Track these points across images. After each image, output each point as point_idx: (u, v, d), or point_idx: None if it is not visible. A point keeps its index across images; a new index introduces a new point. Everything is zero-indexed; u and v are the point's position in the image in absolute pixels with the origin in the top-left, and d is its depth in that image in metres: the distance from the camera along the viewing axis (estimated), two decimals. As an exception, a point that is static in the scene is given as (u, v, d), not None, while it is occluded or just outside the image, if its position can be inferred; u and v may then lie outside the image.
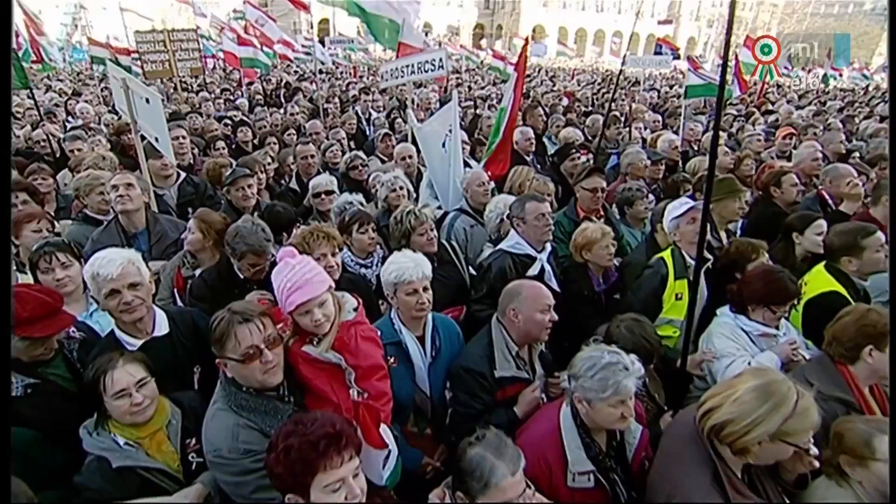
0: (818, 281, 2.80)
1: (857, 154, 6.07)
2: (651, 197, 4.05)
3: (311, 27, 32.88)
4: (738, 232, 3.87)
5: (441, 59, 5.45)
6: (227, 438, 1.61)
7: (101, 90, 11.60)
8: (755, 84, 15.16)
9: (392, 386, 2.12)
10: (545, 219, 2.86)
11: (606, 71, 24.55)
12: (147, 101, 3.02)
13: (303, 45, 18.12)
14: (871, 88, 19.29)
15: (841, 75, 22.42)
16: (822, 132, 6.74)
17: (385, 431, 1.61)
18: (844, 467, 1.71)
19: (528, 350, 2.32)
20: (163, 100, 4.24)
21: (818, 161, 4.63)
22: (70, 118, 8.50)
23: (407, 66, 5.65)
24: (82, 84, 15.80)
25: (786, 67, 20.10)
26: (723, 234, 3.39)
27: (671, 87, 15.60)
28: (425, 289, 2.27)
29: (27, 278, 2.62)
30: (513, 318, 2.20)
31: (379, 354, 1.90)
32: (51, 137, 5.36)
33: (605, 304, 3.10)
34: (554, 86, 13.74)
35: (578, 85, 14.85)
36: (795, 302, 2.78)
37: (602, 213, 3.57)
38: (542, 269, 2.90)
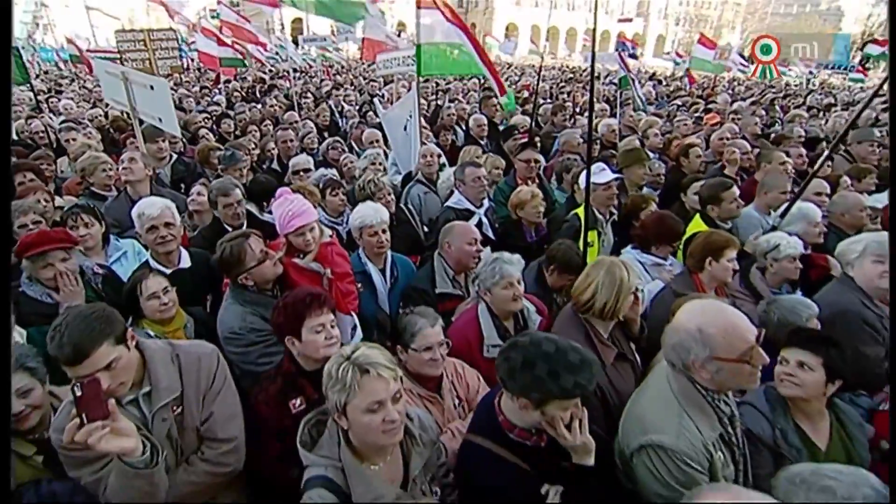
0: (694, 226, 3.55)
1: (772, 134, 7.00)
2: (585, 169, 4.80)
3: (283, 27, 32.94)
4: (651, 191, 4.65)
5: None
6: (237, 320, 2.25)
7: (80, 87, 11.88)
8: (707, 78, 16.28)
9: (360, 305, 2.79)
10: (480, 181, 3.57)
11: (574, 68, 25.54)
12: (151, 87, 3.57)
13: (275, 45, 18.45)
14: (816, 84, 20.70)
15: (791, 71, 23.85)
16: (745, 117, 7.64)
17: (351, 314, 2.27)
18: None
19: (463, 277, 3.00)
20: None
21: (723, 140, 5.43)
22: (52, 115, 8.84)
23: (395, 59, 6.50)
24: (54, 83, 15.87)
25: (742, 64, 21.31)
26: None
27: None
28: (384, 231, 2.93)
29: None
30: (447, 249, 2.87)
31: (348, 266, 2.58)
32: (48, 129, 5.82)
33: (535, 253, 3.80)
34: (519, 80, 14.54)
35: (543, 81, 15.67)
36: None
37: (537, 180, 4.28)
38: (480, 222, 3.58)
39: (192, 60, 20.40)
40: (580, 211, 3.52)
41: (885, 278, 2.65)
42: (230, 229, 3.21)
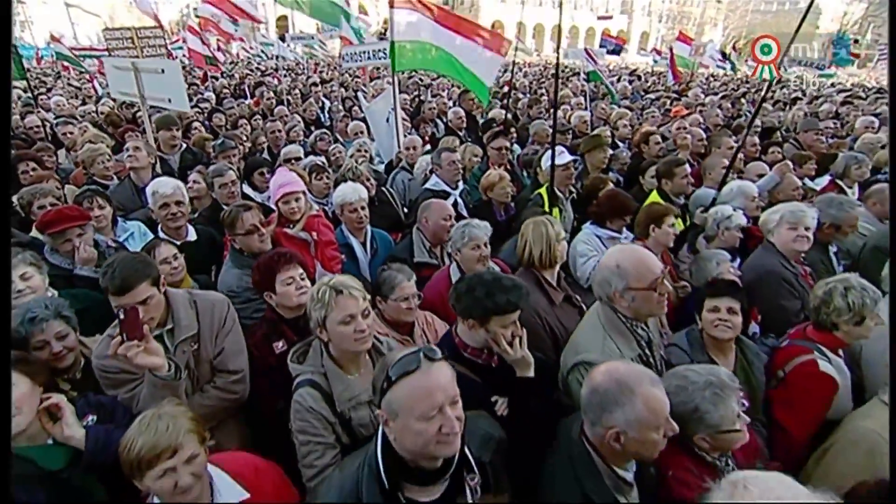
0: (651, 199, 3.98)
1: (733, 125, 7.48)
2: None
3: (268, 27, 32.95)
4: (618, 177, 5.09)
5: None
6: (235, 280, 2.62)
7: (66, 85, 12.03)
8: (686, 73, 16.83)
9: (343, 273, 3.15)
10: (455, 165, 3.95)
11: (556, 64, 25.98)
12: (162, 71, 3.87)
13: (261, 42, 18.58)
14: (793, 78, 21.40)
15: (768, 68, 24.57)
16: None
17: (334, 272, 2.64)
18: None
19: (439, 249, 3.37)
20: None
21: (681, 130, 5.87)
22: (41, 111, 9.01)
23: (364, 52, 6.57)
24: (38, 80, 15.87)
25: (720, 60, 21.94)
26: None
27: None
28: (362, 207, 3.30)
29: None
30: (425, 224, 3.24)
31: (332, 235, 2.94)
32: (44, 123, 6.07)
33: (505, 230, 4.19)
34: (501, 76, 14.95)
35: (525, 77, 16.15)
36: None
37: (508, 166, 4.67)
38: (455, 202, 3.96)
39: (175, 58, 20.46)
40: (542, 190, 3.94)
41: (799, 241, 3.09)
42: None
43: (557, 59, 3.65)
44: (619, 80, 14.90)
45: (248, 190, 3.95)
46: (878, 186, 3.78)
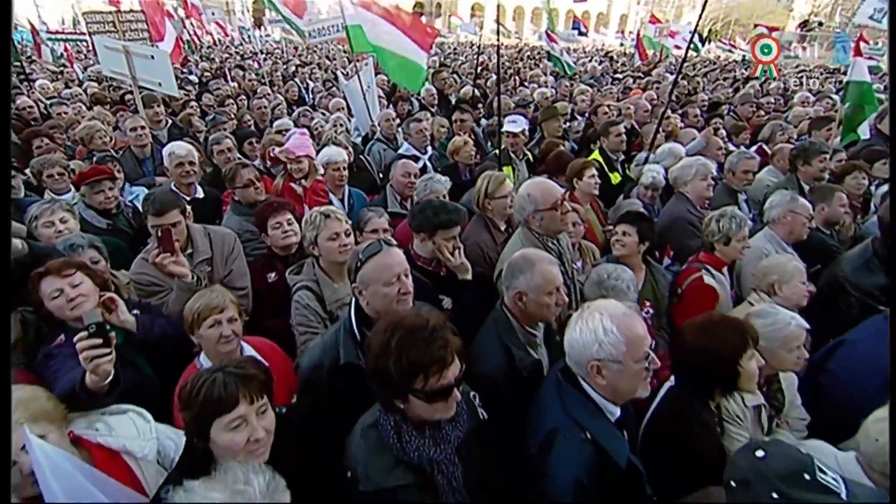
0: (594, 156, 4.60)
1: (682, 100, 8.14)
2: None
3: (247, 10, 32.52)
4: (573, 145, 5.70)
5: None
6: (236, 225, 3.14)
7: (42, 69, 12.11)
8: (654, 55, 17.43)
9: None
10: (422, 132, 4.54)
11: (535, 46, 26.43)
12: (152, 57, 4.32)
13: (238, 26, 18.59)
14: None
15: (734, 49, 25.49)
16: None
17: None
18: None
19: (410, 202, 3.93)
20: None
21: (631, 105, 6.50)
22: (35, 91, 9.20)
23: (325, 28, 6.88)
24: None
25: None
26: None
27: (579, 58, 17.65)
28: (343, 168, 3.84)
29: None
30: (393, 181, 3.80)
31: (326, 197, 3.51)
32: (38, 104, 6.40)
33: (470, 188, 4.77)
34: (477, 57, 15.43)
35: (501, 57, 16.65)
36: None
37: (472, 135, 5.24)
38: (425, 166, 4.52)
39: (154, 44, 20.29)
40: (497, 152, 4.54)
41: (708, 189, 3.73)
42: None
43: (498, 37, 4.26)
44: (590, 61, 15.49)
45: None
46: (780, 146, 4.47)
